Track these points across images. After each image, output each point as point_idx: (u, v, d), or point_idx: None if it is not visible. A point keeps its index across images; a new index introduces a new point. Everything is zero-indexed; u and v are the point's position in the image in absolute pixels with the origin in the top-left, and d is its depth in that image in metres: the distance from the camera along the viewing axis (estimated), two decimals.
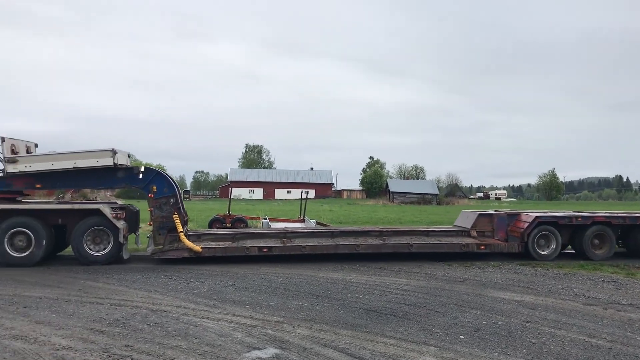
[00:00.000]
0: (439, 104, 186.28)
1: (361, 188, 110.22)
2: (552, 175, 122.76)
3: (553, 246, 14.30)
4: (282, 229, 15.71)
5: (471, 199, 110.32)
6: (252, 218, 23.37)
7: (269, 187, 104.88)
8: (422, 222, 30.19)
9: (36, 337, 6.89)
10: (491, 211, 15.60)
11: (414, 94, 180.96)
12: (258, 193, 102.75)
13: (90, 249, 12.90)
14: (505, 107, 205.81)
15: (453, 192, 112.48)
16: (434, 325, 7.64)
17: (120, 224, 12.87)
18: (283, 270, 12.12)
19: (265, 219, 20.65)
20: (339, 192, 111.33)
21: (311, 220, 20.37)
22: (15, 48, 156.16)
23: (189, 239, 13.34)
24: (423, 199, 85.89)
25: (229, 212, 21.95)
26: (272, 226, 17.93)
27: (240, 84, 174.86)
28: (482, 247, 14.15)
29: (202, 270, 12.04)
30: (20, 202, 13.68)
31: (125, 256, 13.18)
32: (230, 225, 20.67)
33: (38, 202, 15.19)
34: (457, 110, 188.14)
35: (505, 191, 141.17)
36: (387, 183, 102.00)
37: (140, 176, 13.57)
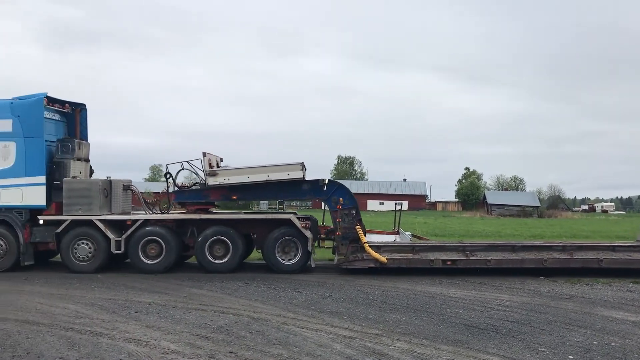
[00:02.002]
0: (539, 113, 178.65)
1: (457, 200, 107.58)
2: None
3: None
4: (461, 242, 15.46)
5: (575, 211, 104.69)
6: None
7: (361, 199, 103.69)
8: (523, 235, 28.98)
9: (147, 341, 7.29)
10: None
11: (512, 102, 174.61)
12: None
13: (282, 258, 13.41)
14: (612, 115, 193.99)
15: (555, 204, 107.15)
16: (540, 344, 7.30)
17: (309, 234, 13.32)
18: (379, 283, 12.06)
19: None
20: (433, 204, 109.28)
21: (406, 233, 20.12)
22: (125, 67, 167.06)
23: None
24: (523, 212, 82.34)
25: (323, 223, 22.15)
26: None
27: (332, 97, 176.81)
28: None
29: (298, 280, 12.24)
30: (212, 213, 14.46)
31: (313, 265, 13.70)
32: (324, 236, 20.84)
33: (230, 212, 16.06)
34: (560, 118, 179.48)
35: (612, 203, 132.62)
36: (484, 195, 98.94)
37: (325, 188, 13.90)
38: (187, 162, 13.90)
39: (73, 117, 14.64)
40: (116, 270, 13.50)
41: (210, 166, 13.75)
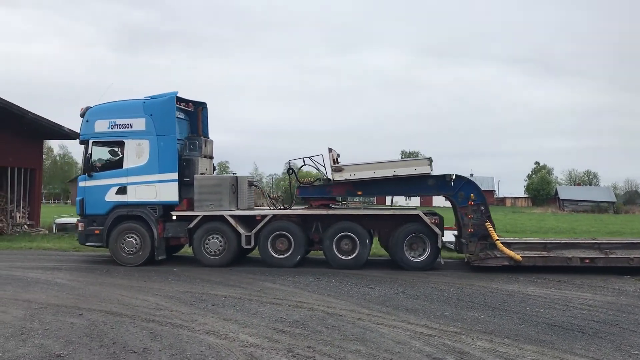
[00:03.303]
0: (614, 104, 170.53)
1: (526, 195, 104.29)
2: None
3: None
4: (594, 239, 14.69)
5: None
6: None
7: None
8: (600, 232, 27.76)
9: (226, 334, 7.39)
10: None
11: (585, 93, 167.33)
12: (415, 200, 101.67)
13: (411, 255, 13.37)
14: None
15: (632, 199, 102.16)
16: (632, 346, 6.92)
17: (438, 230, 13.19)
18: (453, 280, 11.81)
19: None
20: (502, 200, 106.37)
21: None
22: (190, 66, 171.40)
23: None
24: (598, 207, 78.98)
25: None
26: None
27: (397, 91, 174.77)
28: None
29: (369, 276, 12.15)
30: (336, 208, 14.70)
31: (442, 262, 13.66)
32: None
33: (357, 208, 16.22)
34: (637, 109, 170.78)
35: None
36: (556, 190, 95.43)
37: (452, 183, 13.69)
38: (309, 157, 14.12)
39: (195, 115, 15.08)
40: (190, 264, 13.83)
41: (335, 162, 13.89)
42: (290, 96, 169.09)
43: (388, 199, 14.78)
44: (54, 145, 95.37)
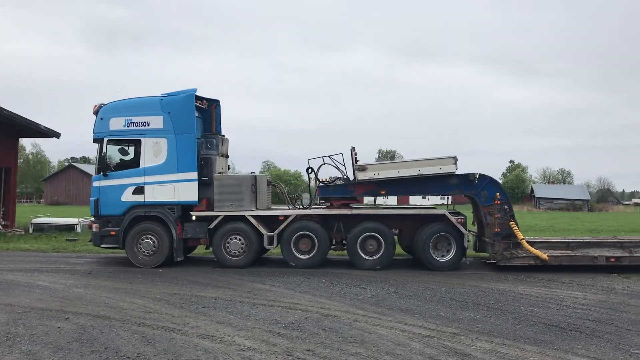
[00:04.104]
0: (586, 104, 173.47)
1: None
2: None
3: None
4: (615, 237, 15.06)
5: (626, 204, 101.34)
6: None
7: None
8: (578, 230, 28.08)
9: (221, 337, 7.20)
10: None
11: (557, 93, 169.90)
12: (392, 199, 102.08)
13: (436, 255, 13.21)
14: None
15: (605, 197, 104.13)
16: (631, 345, 6.91)
17: (465, 230, 13.10)
18: (443, 279, 11.76)
19: None
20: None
21: None
22: (165, 63, 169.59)
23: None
24: (572, 205, 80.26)
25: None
26: None
27: (375, 91, 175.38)
28: None
29: (359, 276, 12.05)
30: (360, 208, 14.50)
31: (467, 262, 13.55)
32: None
33: (381, 207, 15.88)
34: (607, 109, 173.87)
35: None
36: (532, 188, 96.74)
37: (476, 182, 13.48)
38: (329, 156, 13.98)
39: (209, 113, 14.72)
40: (174, 265, 13.56)
41: (356, 161, 13.72)
42: (265, 95, 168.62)
43: (416, 199, 14.48)
44: (26, 144, 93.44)
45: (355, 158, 13.64)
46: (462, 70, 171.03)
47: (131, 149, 13.91)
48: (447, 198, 14.76)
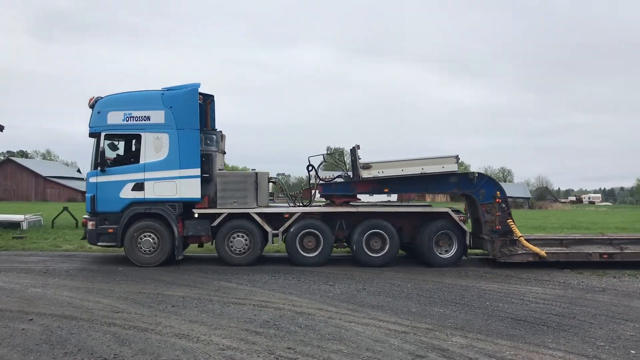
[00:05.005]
0: (524, 104, 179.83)
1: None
2: None
3: None
4: (604, 235, 15.58)
5: (563, 202, 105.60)
6: None
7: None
8: (524, 227, 28.94)
9: (197, 337, 7.09)
10: None
11: (498, 94, 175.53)
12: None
13: (439, 252, 13.38)
14: (593, 107, 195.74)
15: (543, 195, 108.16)
16: (596, 338, 7.23)
17: (466, 227, 13.33)
18: (406, 275, 11.97)
19: None
20: (422, 195, 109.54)
21: None
22: (110, 58, 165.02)
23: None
24: (514, 203, 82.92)
25: None
26: None
27: (325, 88, 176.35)
28: None
29: (324, 273, 12.10)
30: (358, 206, 14.31)
31: (466, 257, 13.80)
32: None
33: (382, 204, 15.75)
34: (543, 109, 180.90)
35: (599, 195, 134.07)
36: None
37: (475, 181, 13.73)
38: (329, 154, 13.88)
39: (204, 108, 14.18)
40: (132, 263, 13.22)
41: (359, 158, 13.70)
42: (221, 90, 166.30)
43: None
44: None
45: (358, 156, 13.74)
46: (409, 69, 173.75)
47: (131, 144, 13.55)
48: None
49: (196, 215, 13.19)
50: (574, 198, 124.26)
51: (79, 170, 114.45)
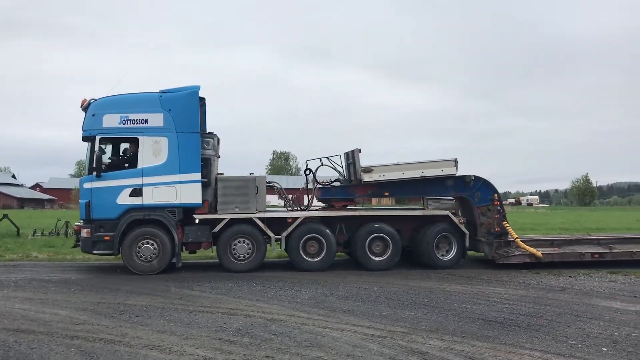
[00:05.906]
0: (460, 108, 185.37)
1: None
2: (586, 180, 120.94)
3: None
4: (591, 235, 16.17)
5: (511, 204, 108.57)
6: None
7: (298, 194, 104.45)
8: None
9: (169, 347, 6.79)
10: None
11: (436, 98, 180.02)
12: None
13: (440, 255, 13.33)
14: (529, 111, 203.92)
15: None
16: (567, 337, 7.36)
17: (466, 230, 13.42)
18: (370, 279, 11.95)
19: None
20: (368, 199, 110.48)
21: None
22: (45, 58, 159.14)
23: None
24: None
25: None
26: None
27: (263, 91, 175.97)
28: None
29: (289, 278, 11.96)
30: (358, 209, 14.15)
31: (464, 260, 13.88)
32: None
33: (387, 208, 15.67)
34: (481, 114, 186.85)
35: (537, 197, 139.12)
36: None
37: (471, 184, 13.74)
38: (327, 158, 13.83)
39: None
40: (86, 272, 12.69)
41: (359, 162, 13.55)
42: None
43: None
44: None
45: (359, 159, 13.66)
46: (348, 73, 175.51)
47: (127, 148, 12.97)
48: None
49: (197, 221, 12.80)
50: (513, 200, 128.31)
51: (14, 176, 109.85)
